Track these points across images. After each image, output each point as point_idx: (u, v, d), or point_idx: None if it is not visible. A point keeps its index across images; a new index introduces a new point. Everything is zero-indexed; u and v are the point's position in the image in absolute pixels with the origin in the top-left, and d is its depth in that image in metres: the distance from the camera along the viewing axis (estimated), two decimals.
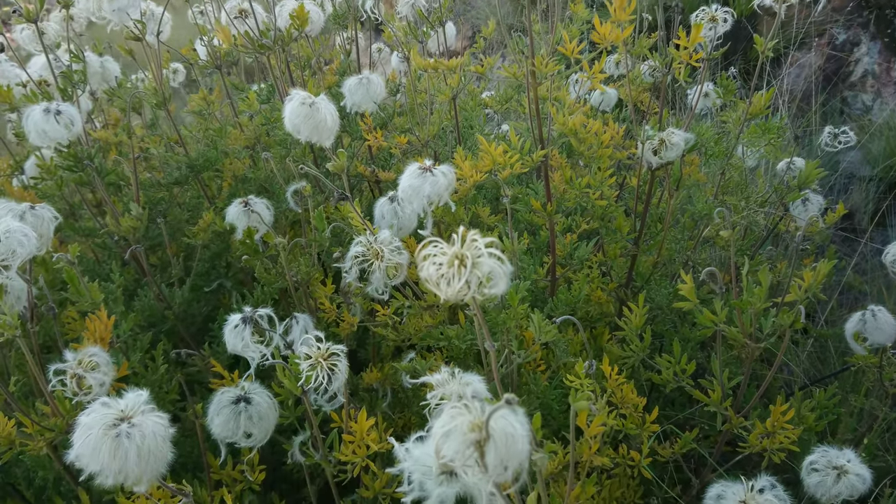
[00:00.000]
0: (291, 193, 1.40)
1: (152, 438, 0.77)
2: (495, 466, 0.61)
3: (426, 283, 0.75)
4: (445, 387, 0.97)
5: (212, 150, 1.64)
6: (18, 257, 0.95)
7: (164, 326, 1.51)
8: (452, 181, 1.21)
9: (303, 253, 1.45)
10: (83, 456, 0.75)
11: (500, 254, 0.74)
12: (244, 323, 1.06)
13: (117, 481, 0.77)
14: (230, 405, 1.05)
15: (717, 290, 1.25)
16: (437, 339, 1.41)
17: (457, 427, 0.62)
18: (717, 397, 1.28)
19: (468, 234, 0.75)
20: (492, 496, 0.75)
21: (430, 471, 0.75)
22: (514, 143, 1.55)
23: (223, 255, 1.70)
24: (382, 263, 1.24)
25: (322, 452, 1.12)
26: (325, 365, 0.97)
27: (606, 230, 1.73)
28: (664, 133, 1.60)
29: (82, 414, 0.77)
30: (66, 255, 1.24)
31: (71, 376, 0.99)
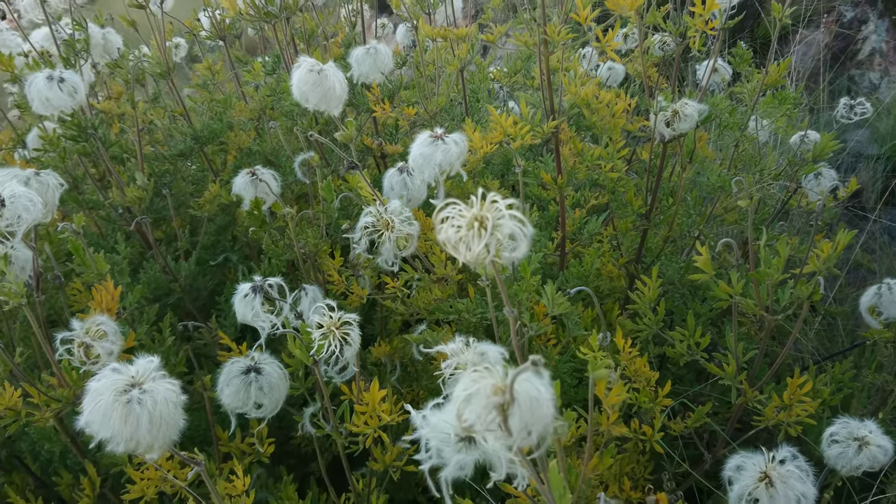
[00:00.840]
0: (299, 164, 1.37)
1: (164, 405, 0.75)
2: (519, 430, 0.59)
3: (444, 247, 0.73)
4: (460, 356, 0.95)
5: (216, 121, 1.61)
6: (24, 223, 0.92)
7: (170, 299, 1.49)
8: (465, 150, 1.19)
9: (310, 225, 1.43)
10: (93, 422, 0.74)
11: (520, 216, 0.72)
12: (254, 292, 1.04)
13: (128, 448, 0.75)
14: (240, 375, 1.03)
15: (734, 262, 1.23)
16: (446, 313, 1.39)
17: (480, 390, 0.61)
18: (732, 371, 1.26)
19: (488, 195, 0.73)
20: (511, 463, 0.74)
21: (448, 438, 0.73)
22: (524, 113, 1.52)
23: (229, 228, 1.68)
24: (392, 234, 1.22)
25: (333, 424, 1.10)
26: (338, 334, 0.95)
27: (617, 204, 1.71)
28: (677, 104, 1.57)
29: (92, 380, 0.76)
30: (71, 225, 1.22)
31: (78, 345, 0.98)
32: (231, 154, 1.75)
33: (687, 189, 1.71)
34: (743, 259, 1.34)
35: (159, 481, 1.07)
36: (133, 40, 2.18)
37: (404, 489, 1.52)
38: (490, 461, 0.74)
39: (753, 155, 1.64)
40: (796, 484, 0.88)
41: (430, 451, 0.74)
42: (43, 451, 1.36)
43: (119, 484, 1.37)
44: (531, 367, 0.57)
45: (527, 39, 1.47)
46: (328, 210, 1.33)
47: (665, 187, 1.72)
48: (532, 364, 0.57)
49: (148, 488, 1.08)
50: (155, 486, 1.07)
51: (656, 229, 1.74)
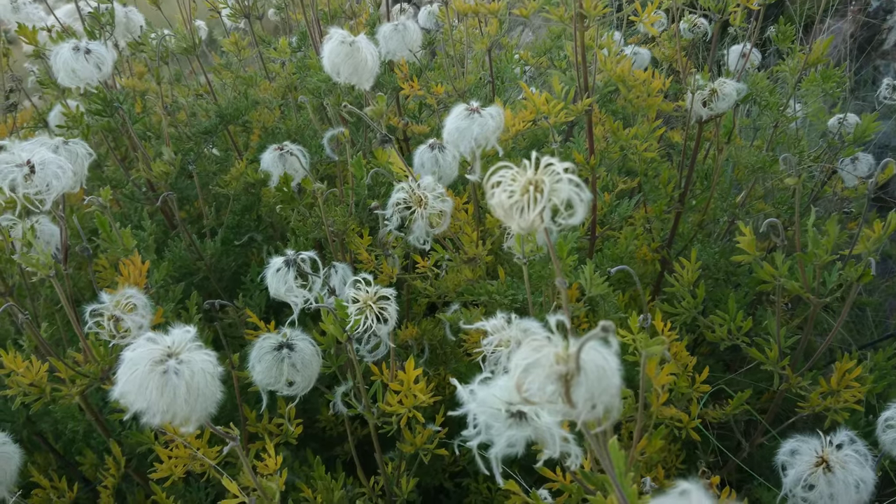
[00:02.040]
0: (328, 139, 1.34)
1: (201, 375, 0.73)
2: (585, 402, 0.56)
3: (495, 212, 0.70)
4: (501, 333, 0.91)
5: (241, 98, 1.58)
6: (53, 191, 0.90)
7: (195, 278, 1.46)
8: (501, 124, 1.15)
9: (339, 202, 1.40)
10: (129, 393, 0.71)
11: (578, 180, 0.68)
12: (287, 266, 1.01)
13: (164, 421, 0.72)
14: (272, 351, 1.00)
15: (779, 243, 1.18)
16: (477, 294, 1.35)
17: (542, 359, 0.57)
18: (775, 356, 1.22)
19: (542, 158, 0.69)
20: (564, 441, 0.71)
21: (497, 413, 0.70)
22: (557, 91, 1.48)
23: (253, 208, 1.65)
24: (425, 210, 1.18)
25: (365, 403, 1.07)
26: (375, 308, 0.92)
27: (650, 187, 1.66)
28: (715, 83, 1.52)
29: (127, 349, 0.73)
30: (98, 199, 1.20)
31: (108, 317, 0.95)
32: (255, 134, 1.72)
33: (722, 172, 1.67)
34: (789, 239, 1.29)
35: (188, 460, 1.04)
36: (155, 20, 2.15)
37: (431, 474, 1.49)
38: (542, 438, 0.71)
39: (792, 136, 1.59)
40: (855, 469, 0.84)
41: (479, 426, 0.71)
42: (67, 430, 1.35)
43: (143, 464, 1.35)
44: (600, 332, 0.53)
45: (561, 14, 1.43)
46: (358, 187, 1.29)
47: (699, 170, 1.67)
48: (602, 330, 0.53)
49: (176, 467, 1.05)
50: (183, 464, 1.04)
51: (689, 214, 1.69)
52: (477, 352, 0.96)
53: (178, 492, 1.25)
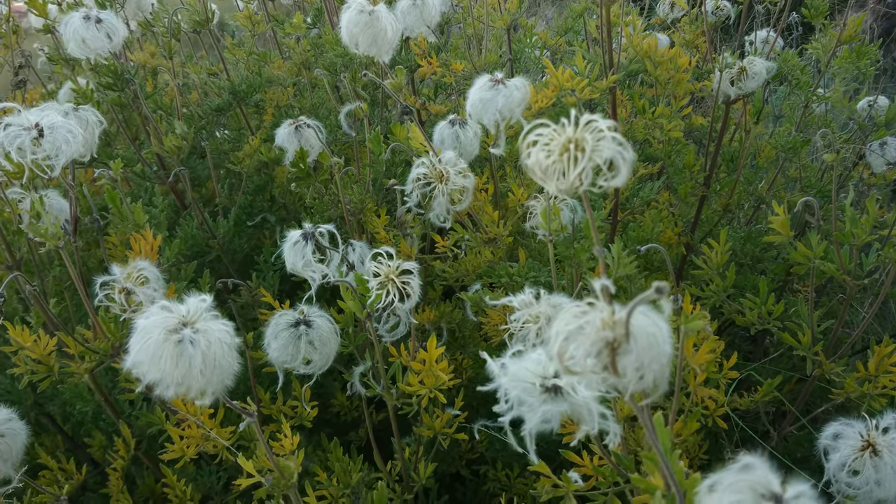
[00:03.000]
0: (345, 115, 1.30)
1: (218, 346, 0.69)
2: (634, 371, 0.52)
3: (532, 174, 0.65)
4: (530, 309, 0.87)
5: (255, 75, 1.54)
6: (63, 157, 0.86)
7: (207, 258, 1.43)
8: (527, 96, 1.11)
9: (355, 181, 1.36)
10: (142, 363, 0.67)
11: (621, 138, 0.64)
12: (305, 239, 0.97)
13: (178, 393, 0.69)
14: (289, 328, 0.96)
15: (814, 223, 1.14)
16: (498, 276, 1.31)
17: (587, 325, 0.53)
18: (808, 341, 1.17)
19: (583, 115, 0.65)
20: (602, 417, 0.66)
21: (531, 388, 0.66)
22: (580, 68, 1.43)
23: (266, 188, 1.61)
24: (446, 186, 1.14)
25: (384, 383, 1.03)
26: (398, 282, 0.88)
27: (674, 170, 1.62)
28: (744, 61, 1.47)
29: (140, 317, 0.69)
30: (108, 172, 1.16)
31: (119, 290, 0.91)
32: (268, 113, 1.68)
33: (749, 155, 1.62)
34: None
35: (201, 440, 1.00)
36: (168, 2, 2.11)
37: (447, 461, 1.45)
38: (578, 414, 0.66)
39: (821, 117, 1.54)
40: None
41: (511, 401, 0.66)
42: (75, 411, 1.31)
43: (153, 447, 1.32)
44: (653, 294, 0.49)
45: None
46: (375, 163, 1.25)
47: (725, 153, 1.62)
48: (656, 291, 0.49)
49: (188, 447, 1.02)
50: (196, 444, 1.01)
51: (713, 198, 1.64)
52: (503, 329, 0.92)
53: (189, 475, 1.22)
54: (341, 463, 1.01)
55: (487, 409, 1.46)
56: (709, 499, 0.45)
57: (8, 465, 0.87)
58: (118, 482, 1.17)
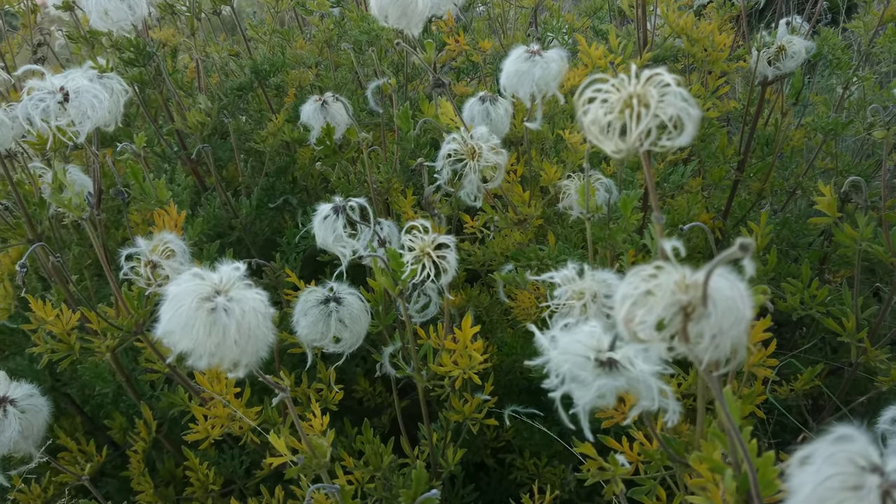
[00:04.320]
0: (372, 91, 1.26)
1: (253, 315, 0.65)
2: (712, 338, 0.48)
3: (587, 133, 0.61)
4: (573, 284, 0.83)
5: (277, 54, 1.51)
6: (89, 123, 0.83)
7: (229, 238, 1.40)
8: (564, 67, 1.06)
9: (381, 161, 1.32)
10: (173, 332, 0.64)
11: (687, 93, 0.60)
12: (336, 213, 0.93)
13: (211, 363, 0.65)
14: (319, 305, 0.93)
15: (861, 203, 1.09)
16: (527, 259, 1.27)
17: (659, 289, 0.49)
18: (852, 327, 1.13)
19: (645, 70, 0.61)
20: (662, 394, 0.63)
21: (584, 362, 0.62)
22: (613, 46, 1.39)
23: (288, 169, 1.58)
24: (478, 163, 1.10)
25: (415, 364, 1.00)
26: (434, 256, 0.85)
27: (707, 153, 1.57)
28: (783, 39, 1.42)
29: (171, 284, 0.66)
30: (131, 146, 1.13)
31: (145, 263, 0.88)
32: (290, 93, 1.65)
33: (785, 138, 1.57)
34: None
35: (226, 420, 0.97)
36: None
37: (472, 450, 1.41)
38: (635, 390, 0.62)
39: (860, 100, 1.49)
40: None
41: (562, 376, 0.63)
42: (95, 393, 1.29)
43: (174, 430, 1.29)
44: (737, 251, 0.45)
45: None
46: (403, 140, 1.22)
47: (760, 136, 1.57)
48: (740, 248, 0.45)
49: (213, 427, 0.98)
50: (221, 424, 0.98)
51: (747, 182, 1.60)
52: (542, 307, 0.88)
53: (212, 459, 1.19)
54: (372, 445, 0.97)
55: (515, 396, 1.42)
56: (803, 473, 0.41)
57: (29, 443, 0.84)
58: (139, 464, 1.14)
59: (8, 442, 0.81)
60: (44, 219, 0.98)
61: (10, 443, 0.81)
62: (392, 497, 0.95)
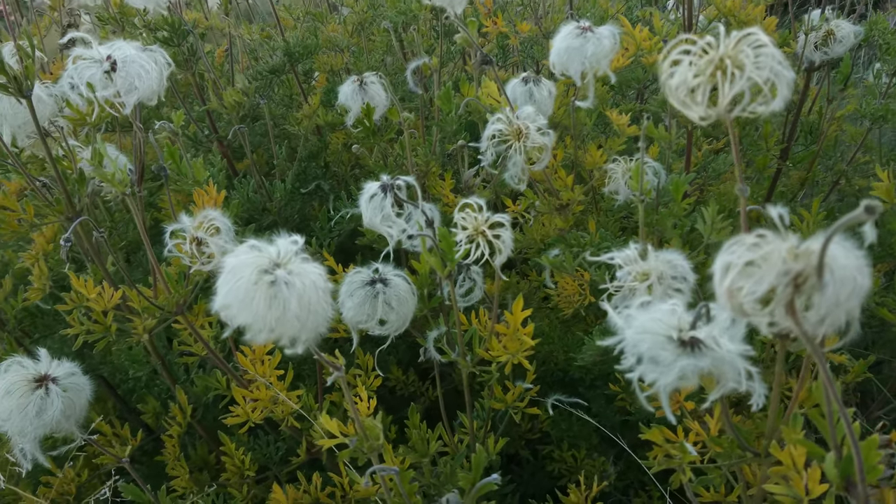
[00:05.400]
0: (411, 71, 1.23)
1: (313, 289, 0.63)
2: (827, 310, 0.44)
3: (675, 95, 0.58)
4: (635, 265, 0.80)
5: (310, 36, 1.48)
6: (135, 94, 0.80)
7: (263, 222, 1.37)
8: (617, 45, 1.03)
9: (420, 143, 1.29)
10: (231, 305, 0.61)
11: (780, 54, 0.56)
12: (383, 192, 0.91)
13: (269, 338, 0.63)
14: (364, 286, 0.90)
15: None
16: (569, 246, 1.24)
17: (767, 257, 0.46)
18: None
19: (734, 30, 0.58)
20: (749, 376, 0.59)
21: (664, 341, 0.59)
22: (657, 28, 1.35)
23: (320, 154, 1.55)
24: (525, 144, 1.07)
25: (460, 349, 0.97)
26: (489, 234, 0.81)
27: (749, 141, 1.53)
28: (831, 23, 1.38)
29: (229, 256, 0.63)
30: (168, 125, 1.11)
31: (190, 240, 0.86)
32: (321, 77, 1.62)
33: (829, 127, 1.53)
34: None
35: (268, 403, 0.95)
36: None
37: (506, 443, 1.38)
38: (720, 371, 0.59)
39: None
40: None
41: (640, 356, 0.59)
42: (128, 377, 1.27)
43: (207, 415, 1.27)
44: (863, 214, 0.41)
45: None
46: (444, 122, 1.19)
47: (804, 123, 1.53)
48: (865, 211, 0.41)
49: (254, 411, 0.96)
50: (263, 408, 0.95)
51: (791, 171, 1.56)
52: (601, 289, 0.85)
53: (247, 445, 1.17)
54: (419, 431, 0.94)
55: (549, 387, 1.39)
56: None
57: (71, 422, 0.81)
58: (174, 449, 1.12)
59: (50, 421, 0.79)
60: (83, 195, 0.96)
61: (52, 422, 0.79)
62: (440, 484, 0.92)
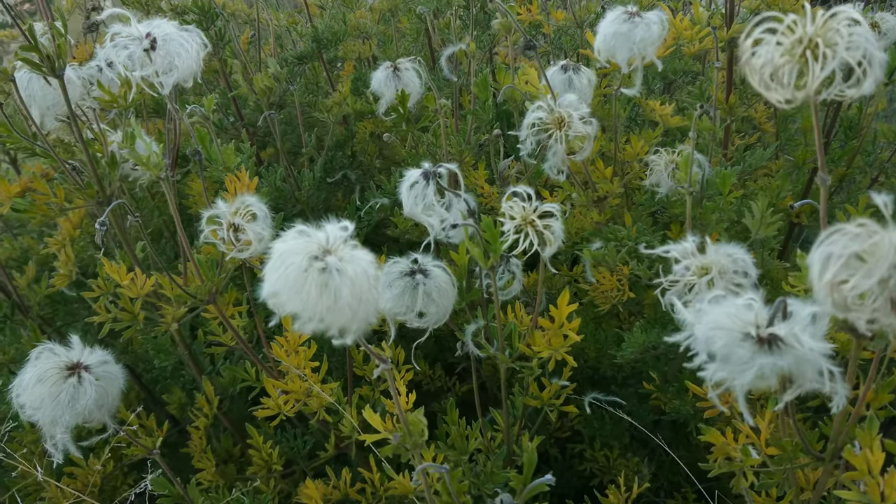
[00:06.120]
0: (446, 58, 1.20)
1: (364, 278, 0.60)
2: None
3: (753, 78, 0.55)
4: (693, 259, 0.77)
5: (339, 22, 1.45)
6: (175, 73, 0.77)
7: (292, 211, 1.35)
8: (666, 30, 1.00)
9: (453, 131, 1.26)
10: (281, 292, 0.58)
11: (872, 34, 0.53)
12: (425, 179, 0.87)
13: (319, 328, 0.60)
14: (404, 277, 0.87)
15: None
16: (606, 240, 1.21)
17: (876, 248, 0.42)
18: None
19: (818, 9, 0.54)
20: (831, 375, 0.56)
21: (740, 338, 0.56)
22: (697, 17, 1.32)
23: (347, 144, 1.52)
24: (566, 133, 1.03)
25: (499, 344, 0.94)
26: (539, 224, 0.78)
27: (787, 135, 1.49)
28: (875, 16, 1.34)
29: (277, 241, 0.60)
30: (200, 108, 1.08)
31: (227, 226, 0.83)
32: (348, 67, 1.59)
33: (870, 122, 1.48)
34: None
35: (302, 395, 0.92)
36: None
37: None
38: (800, 371, 0.56)
39: None
40: None
41: (714, 351, 0.56)
42: (152, 368, 1.24)
43: (233, 407, 1.25)
44: None
45: None
46: (480, 110, 1.15)
47: (843, 119, 1.49)
48: None
49: (286, 404, 0.93)
50: (296, 400, 0.92)
51: (829, 167, 1.52)
52: (654, 285, 0.82)
53: (274, 439, 1.14)
54: (458, 428, 0.91)
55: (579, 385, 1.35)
56: None
57: (103, 412, 0.79)
58: (201, 441, 1.09)
59: (83, 410, 0.76)
60: (114, 179, 0.93)
61: (85, 411, 0.76)
62: (480, 483, 0.89)
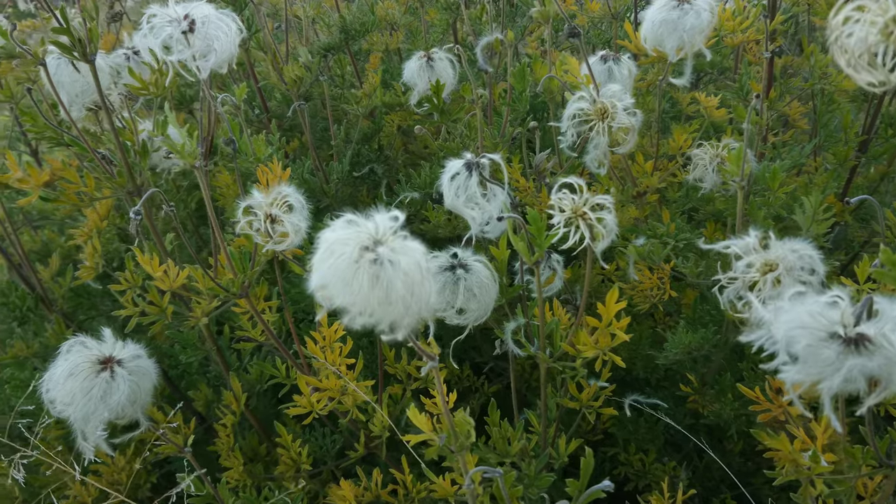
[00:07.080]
0: (482, 48, 1.17)
1: (417, 271, 0.56)
2: None
3: (841, 59, 0.51)
4: (755, 255, 0.73)
5: (367, 13, 1.42)
6: (214, 57, 0.75)
7: (320, 204, 1.32)
8: (715, 19, 0.96)
9: (487, 123, 1.23)
10: (331, 284, 0.55)
11: None
12: (468, 170, 0.84)
13: (369, 323, 0.56)
14: (444, 272, 0.84)
15: None
16: (645, 236, 1.17)
17: None
18: None
19: None
20: None
21: (825, 338, 0.52)
22: (738, 8, 1.28)
23: (374, 137, 1.49)
24: (609, 125, 1.00)
25: (540, 343, 0.90)
26: (592, 217, 0.75)
27: (827, 131, 1.45)
28: None
29: (326, 230, 0.57)
30: (231, 98, 1.05)
31: (264, 216, 0.80)
32: (375, 57, 1.56)
33: None
34: None
35: (337, 393, 0.89)
36: None
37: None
38: (888, 373, 0.52)
39: None
40: None
41: (796, 351, 0.53)
42: (177, 364, 1.22)
43: (260, 405, 1.22)
44: None
45: None
46: (517, 102, 1.12)
47: (885, 115, 1.44)
48: None
49: (319, 402, 0.90)
50: (329, 398, 0.89)
51: (869, 165, 1.47)
52: (726, 279, 0.78)
53: (303, 437, 1.11)
54: (500, 429, 0.88)
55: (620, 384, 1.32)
56: None
57: (136, 408, 0.76)
58: (228, 439, 1.06)
59: (116, 406, 0.74)
60: (145, 168, 0.90)
61: (117, 407, 0.74)
62: (524, 487, 0.85)
